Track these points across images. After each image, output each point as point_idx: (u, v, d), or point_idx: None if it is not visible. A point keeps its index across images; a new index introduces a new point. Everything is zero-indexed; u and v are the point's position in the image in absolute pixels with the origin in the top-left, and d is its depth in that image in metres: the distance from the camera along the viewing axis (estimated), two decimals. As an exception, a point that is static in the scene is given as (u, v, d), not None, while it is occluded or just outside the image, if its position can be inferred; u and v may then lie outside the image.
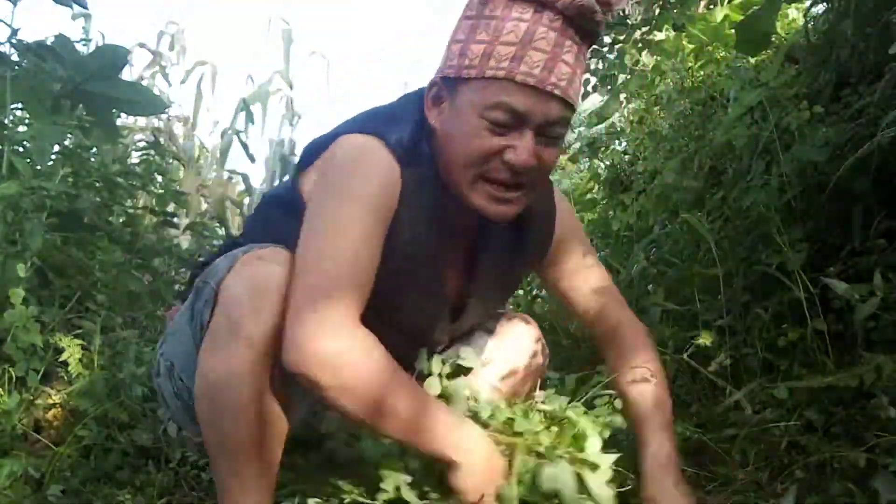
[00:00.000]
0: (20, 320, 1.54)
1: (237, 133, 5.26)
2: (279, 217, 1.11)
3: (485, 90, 0.97)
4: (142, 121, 4.89)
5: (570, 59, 0.97)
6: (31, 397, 1.54)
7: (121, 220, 2.27)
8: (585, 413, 1.04)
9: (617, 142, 4.03)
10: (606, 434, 1.02)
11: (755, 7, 1.88)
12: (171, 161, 3.74)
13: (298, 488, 1.11)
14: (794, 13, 2.95)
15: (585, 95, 4.43)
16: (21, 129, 2.02)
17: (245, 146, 5.14)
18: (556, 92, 0.96)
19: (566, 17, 0.97)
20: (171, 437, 1.58)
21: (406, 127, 1.04)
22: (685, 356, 1.42)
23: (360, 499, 1.00)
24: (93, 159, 2.18)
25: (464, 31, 1.00)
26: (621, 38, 4.33)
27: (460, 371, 1.16)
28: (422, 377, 1.11)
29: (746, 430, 1.28)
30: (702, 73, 2.74)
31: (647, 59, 3.58)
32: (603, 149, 4.01)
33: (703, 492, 1.22)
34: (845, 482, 1.11)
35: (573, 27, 0.98)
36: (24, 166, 1.78)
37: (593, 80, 4.07)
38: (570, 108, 1.00)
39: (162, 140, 4.71)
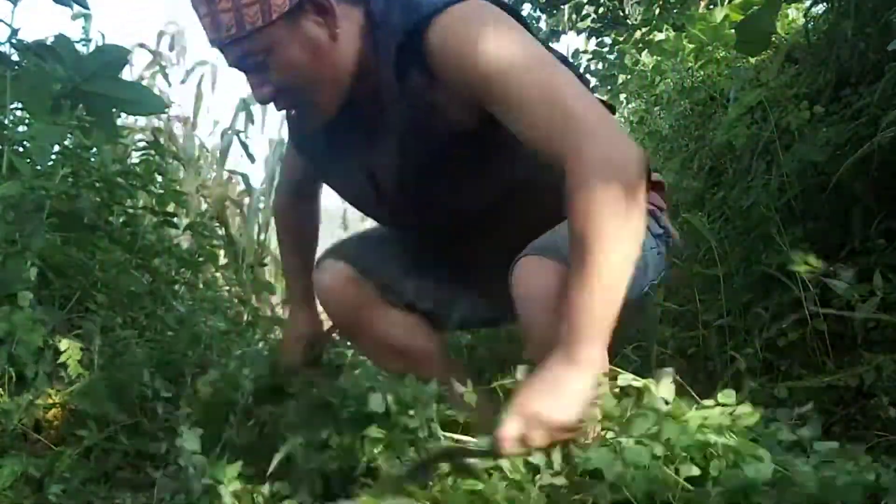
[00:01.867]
0: (25, 321, 1.54)
1: (237, 133, 5.25)
2: None
3: None
4: (142, 121, 4.88)
5: (205, 9, 1.03)
6: (31, 397, 1.54)
7: (121, 220, 2.27)
8: None
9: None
10: None
11: (755, 7, 1.88)
12: (171, 161, 3.73)
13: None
14: (794, 13, 2.95)
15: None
16: (21, 129, 2.02)
17: (245, 146, 5.12)
18: (217, 45, 1.05)
19: None
20: (170, 438, 1.58)
21: None
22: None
23: None
24: (93, 159, 2.18)
25: None
26: (621, 38, 4.33)
27: None
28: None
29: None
30: (702, 73, 2.74)
31: (647, 59, 3.58)
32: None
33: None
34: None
35: None
36: (23, 166, 1.78)
37: (593, 80, 4.07)
38: (242, 38, 1.02)
39: (162, 140, 4.70)
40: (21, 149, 1.96)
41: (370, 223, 1.52)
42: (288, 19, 1.02)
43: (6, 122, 1.91)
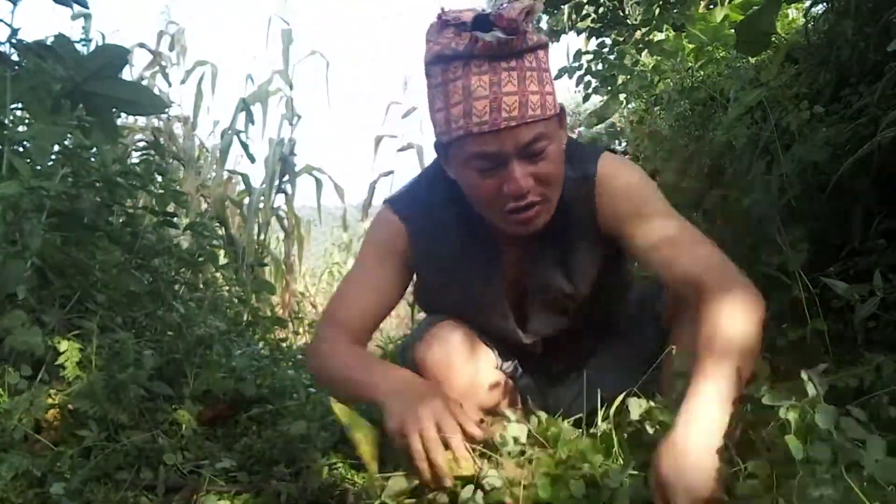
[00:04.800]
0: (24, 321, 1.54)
1: (237, 133, 5.26)
2: None
3: (461, 148, 1.12)
4: (142, 121, 4.88)
5: (513, 88, 1.06)
6: (32, 397, 1.54)
7: (121, 220, 2.27)
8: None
9: (617, 142, 4.03)
10: None
11: (755, 7, 1.88)
12: (171, 161, 3.73)
13: None
14: (794, 13, 2.95)
15: (587, 98, 4.43)
16: (21, 129, 2.02)
17: (245, 146, 5.13)
18: (512, 124, 1.07)
19: (489, 57, 1.05)
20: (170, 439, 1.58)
21: (421, 186, 1.34)
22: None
23: None
24: (93, 159, 2.18)
25: (429, 102, 1.15)
26: (621, 38, 4.32)
27: None
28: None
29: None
30: (702, 73, 2.74)
31: (647, 59, 3.58)
32: (603, 149, 4.00)
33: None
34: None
35: (501, 59, 1.06)
36: (23, 166, 1.78)
37: (594, 81, 4.07)
38: (541, 120, 1.09)
39: (162, 140, 4.70)
40: (21, 149, 1.96)
41: (369, 223, 1.52)
42: (557, 117, 1.15)
43: (6, 122, 1.91)
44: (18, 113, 2.06)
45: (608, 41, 4.32)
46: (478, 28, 1.05)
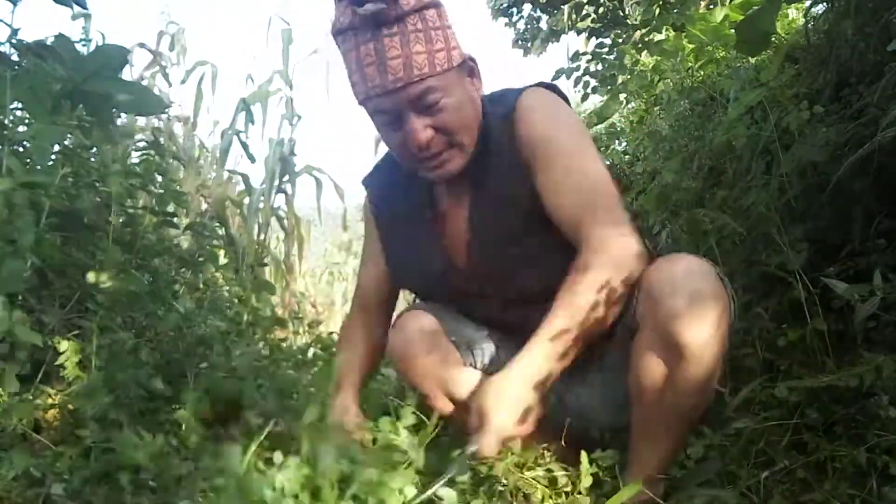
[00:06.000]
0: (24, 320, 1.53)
1: (237, 133, 5.25)
2: None
3: (367, 109, 1.24)
4: (142, 121, 4.88)
5: (396, 52, 1.14)
6: (31, 397, 1.54)
7: (121, 220, 2.27)
8: None
9: (617, 142, 4.03)
10: None
11: (755, 7, 1.88)
12: (171, 161, 3.73)
13: None
14: (794, 13, 2.95)
15: (585, 98, 4.43)
16: (21, 129, 2.02)
17: (245, 146, 5.12)
18: (399, 84, 1.15)
19: (371, 26, 1.14)
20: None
21: (385, 156, 1.45)
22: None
23: None
24: (93, 159, 2.18)
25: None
26: (621, 38, 4.32)
27: None
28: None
29: (747, 430, 1.28)
30: (702, 73, 2.74)
31: (647, 59, 3.58)
32: (603, 149, 4.01)
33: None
34: (846, 482, 1.11)
35: (383, 26, 1.14)
36: (16, 164, 1.78)
37: (593, 81, 4.07)
38: (430, 76, 1.16)
39: (162, 140, 4.70)
40: (21, 149, 1.96)
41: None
42: (458, 71, 1.22)
43: (6, 122, 1.91)
44: (18, 113, 2.06)
45: (608, 41, 4.32)
46: (353, 2, 1.13)
